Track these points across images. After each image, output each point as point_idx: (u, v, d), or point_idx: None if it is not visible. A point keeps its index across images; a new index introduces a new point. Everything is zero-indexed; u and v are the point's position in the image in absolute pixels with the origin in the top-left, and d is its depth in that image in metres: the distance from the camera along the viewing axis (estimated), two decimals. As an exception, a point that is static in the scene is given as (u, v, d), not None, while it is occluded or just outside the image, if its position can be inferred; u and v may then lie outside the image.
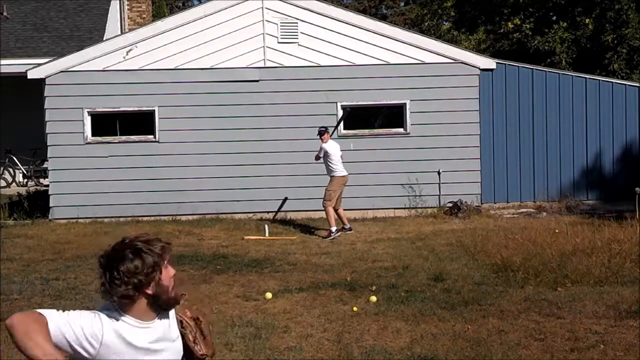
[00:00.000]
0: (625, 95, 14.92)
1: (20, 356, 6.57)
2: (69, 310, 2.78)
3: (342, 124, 14.32)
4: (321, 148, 12.30)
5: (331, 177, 12.23)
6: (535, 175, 14.80)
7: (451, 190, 14.39)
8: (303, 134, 13.89)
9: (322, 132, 12.40)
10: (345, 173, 12.27)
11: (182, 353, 2.95)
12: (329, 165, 12.26)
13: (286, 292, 8.19)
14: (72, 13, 20.18)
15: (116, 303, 2.77)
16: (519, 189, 14.81)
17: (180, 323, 2.99)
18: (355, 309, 7.42)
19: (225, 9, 14.20)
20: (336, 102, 14.34)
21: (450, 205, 14.20)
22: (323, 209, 12.17)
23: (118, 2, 21.41)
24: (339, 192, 12.23)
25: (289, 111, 14.24)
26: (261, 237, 11.95)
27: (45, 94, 14.03)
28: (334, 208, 12.10)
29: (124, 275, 2.72)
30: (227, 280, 8.87)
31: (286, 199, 14.11)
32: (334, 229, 11.90)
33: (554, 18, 23.47)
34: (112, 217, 13.67)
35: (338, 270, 9.36)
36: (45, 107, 14.08)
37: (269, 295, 7.95)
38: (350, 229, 12.34)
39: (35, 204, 14.42)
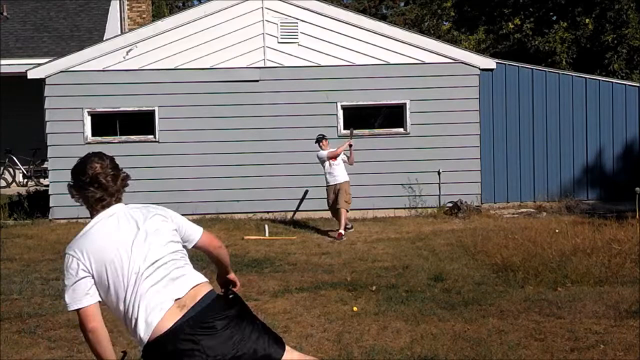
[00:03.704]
0: (625, 95, 14.93)
1: (20, 356, 6.56)
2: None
3: (342, 123, 14.36)
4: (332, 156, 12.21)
5: (344, 181, 12.17)
6: (535, 175, 14.81)
7: (451, 190, 14.39)
8: (303, 134, 13.89)
9: (320, 139, 12.32)
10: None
11: None
12: (337, 171, 12.22)
13: (286, 292, 8.18)
14: (72, 13, 20.19)
15: None
16: (519, 189, 14.81)
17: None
18: (355, 309, 7.41)
19: (225, 9, 14.21)
20: (336, 102, 14.35)
21: (450, 205, 14.20)
22: (336, 210, 12.08)
23: (118, 2, 21.41)
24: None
25: (288, 111, 14.25)
26: (261, 237, 11.95)
27: (45, 94, 14.04)
28: (337, 208, 12.06)
29: None
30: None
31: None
32: (343, 231, 11.91)
33: (554, 18, 23.48)
34: (112, 217, 13.66)
35: (338, 270, 9.36)
36: (45, 107, 14.09)
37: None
38: (351, 227, 12.38)
39: (35, 204, 14.42)
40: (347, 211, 12.14)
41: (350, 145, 12.30)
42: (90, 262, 3.21)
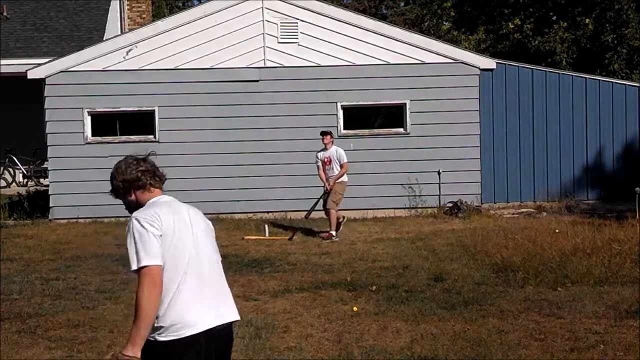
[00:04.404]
0: (625, 95, 14.92)
1: (20, 356, 6.56)
2: None
3: (342, 123, 14.36)
4: (337, 151, 12.02)
5: (341, 182, 12.09)
6: (535, 175, 14.80)
7: (451, 190, 14.39)
8: (303, 134, 13.89)
9: (323, 133, 12.18)
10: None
11: None
12: (330, 173, 12.11)
13: (286, 292, 8.19)
14: (72, 13, 20.18)
15: None
16: (519, 189, 14.80)
17: None
18: (355, 309, 7.42)
19: (225, 9, 14.21)
20: (336, 102, 14.35)
21: (450, 205, 14.20)
22: (324, 210, 12.06)
23: (118, 2, 21.41)
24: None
25: (288, 111, 14.25)
26: (261, 237, 11.95)
27: (45, 94, 14.04)
28: (327, 209, 12.01)
29: None
30: (227, 280, 8.85)
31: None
32: (334, 232, 11.85)
33: (554, 18, 23.47)
34: (112, 217, 13.63)
35: (338, 270, 9.36)
36: (45, 107, 14.08)
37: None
38: (342, 219, 12.25)
39: (35, 204, 14.42)
40: (337, 211, 12.01)
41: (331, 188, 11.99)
42: (162, 224, 3.31)
